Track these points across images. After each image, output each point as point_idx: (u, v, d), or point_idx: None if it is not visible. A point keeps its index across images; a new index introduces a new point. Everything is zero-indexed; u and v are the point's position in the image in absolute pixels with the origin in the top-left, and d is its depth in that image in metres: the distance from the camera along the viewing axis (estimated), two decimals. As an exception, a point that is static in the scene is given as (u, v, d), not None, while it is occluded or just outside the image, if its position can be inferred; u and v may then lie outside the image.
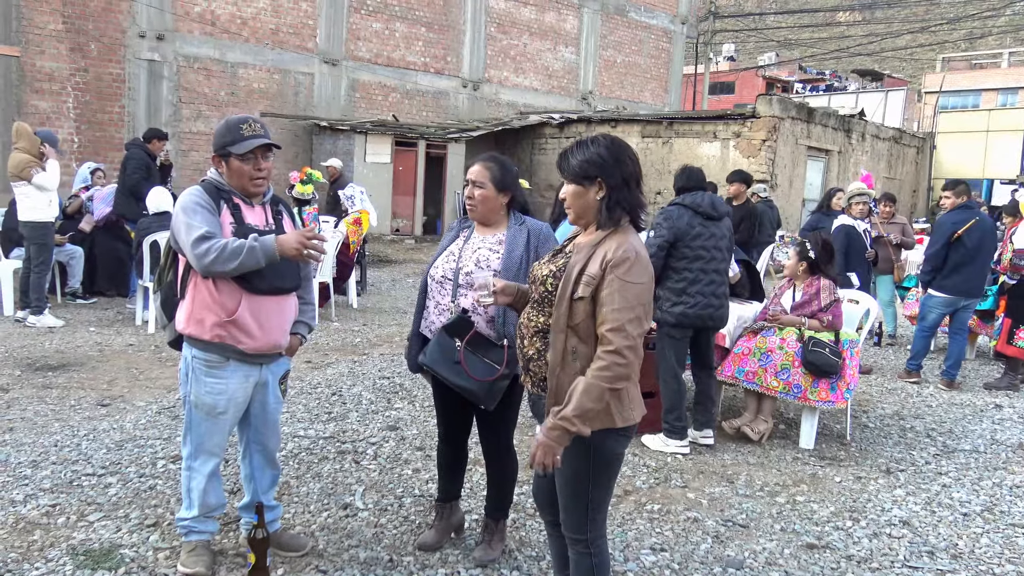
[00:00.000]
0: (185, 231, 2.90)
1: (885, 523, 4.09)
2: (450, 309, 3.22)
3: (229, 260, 2.83)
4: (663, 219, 4.96)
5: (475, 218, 3.33)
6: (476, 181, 3.25)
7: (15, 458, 4.32)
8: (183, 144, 15.84)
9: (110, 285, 9.33)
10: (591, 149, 2.49)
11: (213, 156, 3.08)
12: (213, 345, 3.01)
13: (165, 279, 3.24)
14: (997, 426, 5.98)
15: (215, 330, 2.98)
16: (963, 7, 54.79)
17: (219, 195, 3.03)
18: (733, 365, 5.39)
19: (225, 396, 3.07)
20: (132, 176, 8.80)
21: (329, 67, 17.97)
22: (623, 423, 2.46)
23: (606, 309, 2.36)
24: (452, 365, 3.09)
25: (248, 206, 3.09)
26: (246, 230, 3.00)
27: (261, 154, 3.06)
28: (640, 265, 2.40)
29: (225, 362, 3.04)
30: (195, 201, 2.97)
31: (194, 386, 3.06)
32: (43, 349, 6.83)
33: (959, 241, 6.87)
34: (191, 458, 3.15)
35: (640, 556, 3.58)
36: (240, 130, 3.02)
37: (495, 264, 3.16)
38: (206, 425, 3.10)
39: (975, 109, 35.63)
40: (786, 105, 16.92)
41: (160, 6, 15.36)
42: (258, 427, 3.28)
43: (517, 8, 21.28)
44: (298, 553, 3.39)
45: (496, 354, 3.11)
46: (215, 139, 3.06)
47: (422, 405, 5.66)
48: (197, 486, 3.15)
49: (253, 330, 3.02)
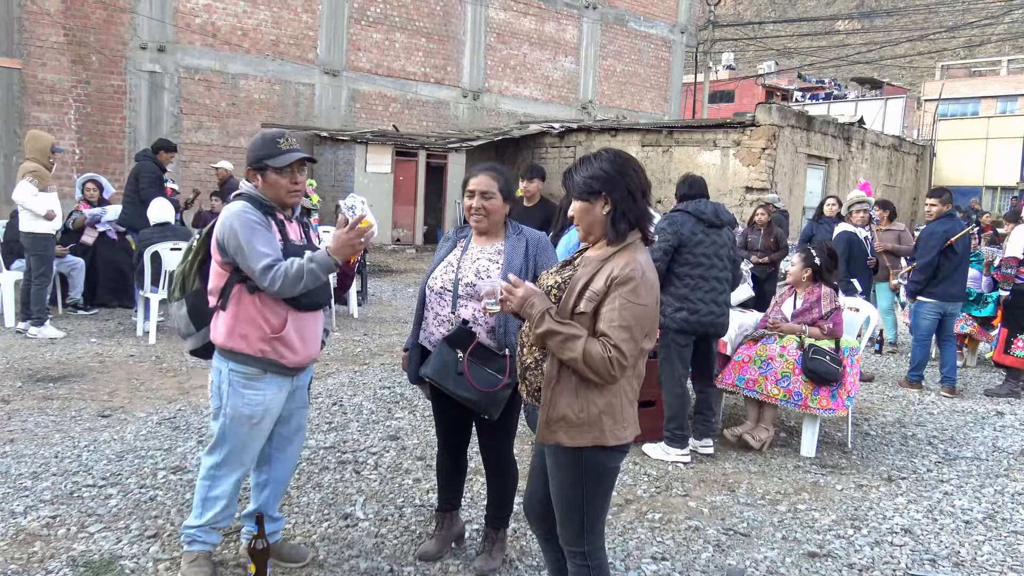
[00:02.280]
0: (249, 252, 2.90)
1: (887, 531, 4.08)
2: (450, 320, 3.22)
3: (294, 285, 2.89)
4: (667, 224, 4.98)
5: (482, 229, 3.30)
6: (485, 191, 3.24)
7: (16, 469, 4.32)
8: (184, 155, 15.87)
9: (111, 296, 9.33)
10: (594, 164, 2.50)
11: (249, 170, 3.09)
12: (254, 359, 3.03)
13: (190, 286, 3.20)
14: (999, 433, 5.97)
15: (259, 345, 3.01)
16: (962, 15, 54.95)
17: (263, 209, 3.05)
18: (734, 373, 5.38)
19: (263, 407, 3.09)
20: (149, 190, 8.79)
21: (330, 78, 18.03)
22: (615, 442, 2.46)
23: (604, 324, 2.36)
24: (456, 377, 3.08)
25: (288, 221, 3.14)
26: (292, 248, 3.04)
27: (297, 168, 3.11)
28: (645, 286, 2.39)
29: (263, 374, 3.06)
30: (251, 219, 2.96)
31: (231, 398, 3.06)
32: (44, 360, 6.83)
33: (951, 250, 6.91)
34: (217, 468, 3.14)
35: (641, 565, 3.57)
36: (277, 144, 3.07)
37: (495, 274, 3.16)
38: (243, 436, 3.10)
39: (974, 116, 35.67)
40: (785, 113, 16.96)
41: (161, 18, 15.44)
42: (284, 434, 3.30)
43: (517, 18, 21.36)
44: (299, 564, 3.38)
45: (498, 364, 3.11)
46: (252, 152, 3.08)
47: (423, 415, 5.65)
48: (220, 495, 3.15)
49: (296, 346, 3.07)
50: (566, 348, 2.36)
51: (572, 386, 2.43)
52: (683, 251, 4.93)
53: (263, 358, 3.02)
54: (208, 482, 3.16)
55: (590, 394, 2.42)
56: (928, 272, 6.98)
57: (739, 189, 16.47)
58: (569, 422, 2.44)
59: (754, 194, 16.29)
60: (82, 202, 9.42)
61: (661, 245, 4.87)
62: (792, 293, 5.60)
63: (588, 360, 2.33)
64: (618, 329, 2.34)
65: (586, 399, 2.42)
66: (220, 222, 3.01)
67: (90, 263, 9.12)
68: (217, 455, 3.14)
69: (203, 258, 3.18)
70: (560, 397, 2.44)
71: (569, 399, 2.44)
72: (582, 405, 2.42)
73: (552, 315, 2.40)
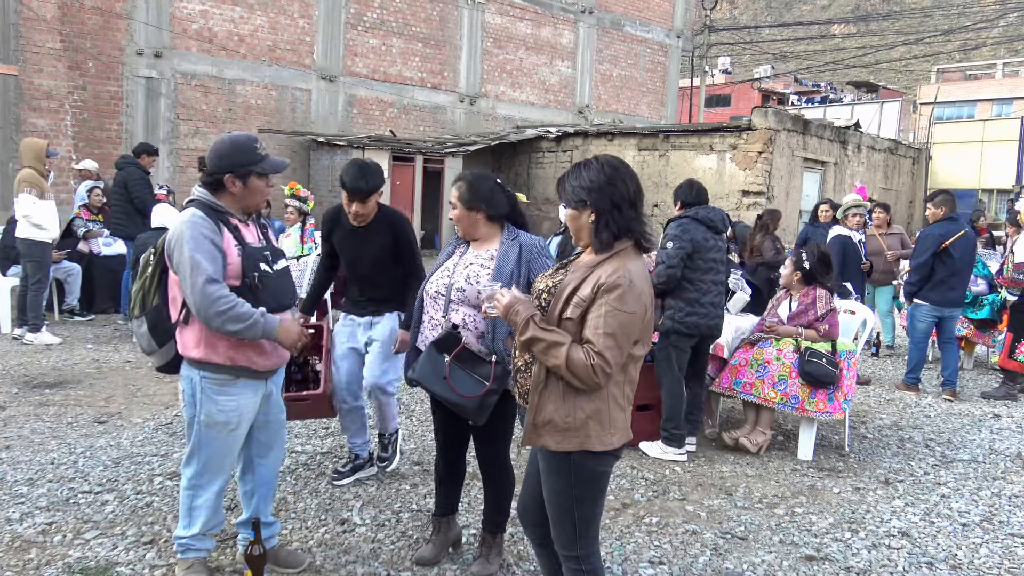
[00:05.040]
0: (191, 270, 2.85)
1: (884, 534, 4.08)
2: (441, 324, 3.23)
3: (234, 322, 2.87)
4: (680, 231, 5.04)
5: (464, 236, 3.39)
6: (451, 201, 3.35)
7: (12, 476, 4.31)
8: (181, 160, 15.87)
9: (108, 302, 9.32)
10: (583, 174, 2.52)
11: (227, 177, 3.00)
12: (225, 367, 3.01)
13: (150, 303, 3.11)
14: (995, 436, 5.97)
15: (229, 353, 2.99)
16: (957, 19, 55.15)
17: (217, 217, 3.01)
18: (730, 376, 5.39)
19: (237, 412, 3.07)
20: (143, 197, 8.73)
21: (326, 83, 18.04)
22: (602, 447, 2.45)
23: (589, 330, 2.37)
24: (440, 380, 3.09)
25: (243, 224, 3.11)
26: (249, 250, 3.02)
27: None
28: (632, 294, 2.38)
29: (235, 380, 3.05)
30: (200, 233, 2.89)
31: (205, 406, 3.03)
32: (40, 366, 6.82)
33: (947, 253, 6.89)
34: (197, 477, 3.12)
35: (639, 569, 3.57)
36: (256, 150, 3.05)
37: (484, 279, 3.17)
38: (218, 443, 3.08)
39: (970, 120, 35.78)
40: (782, 117, 16.98)
41: (158, 24, 15.44)
42: (263, 440, 3.28)
43: (513, 23, 21.39)
44: (295, 570, 3.38)
45: (484, 370, 3.10)
46: (230, 157, 3.00)
47: (419, 420, 5.65)
48: (204, 504, 3.13)
49: (267, 348, 3.07)
50: (549, 355, 2.37)
51: (559, 391, 2.43)
52: (695, 257, 5.02)
53: (234, 366, 3.01)
54: (191, 492, 3.14)
55: (577, 399, 2.42)
56: (922, 273, 6.98)
57: (735, 193, 16.47)
58: (555, 426, 2.44)
59: (751, 198, 16.30)
60: (83, 208, 9.40)
61: (677, 252, 4.97)
62: (787, 296, 5.61)
63: (571, 367, 2.34)
64: (602, 336, 2.34)
65: (573, 404, 2.42)
66: (171, 232, 2.96)
67: (87, 269, 9.11)
68: (195, 464, 3.11)
69: (161, 273, 3.09)
70: (547, 401, 2.45)
71: (556, 404, 2.44)
72: (569, 410, 2.43)
73: (536, 322, 2.42)
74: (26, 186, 7.48)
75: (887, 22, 59.24)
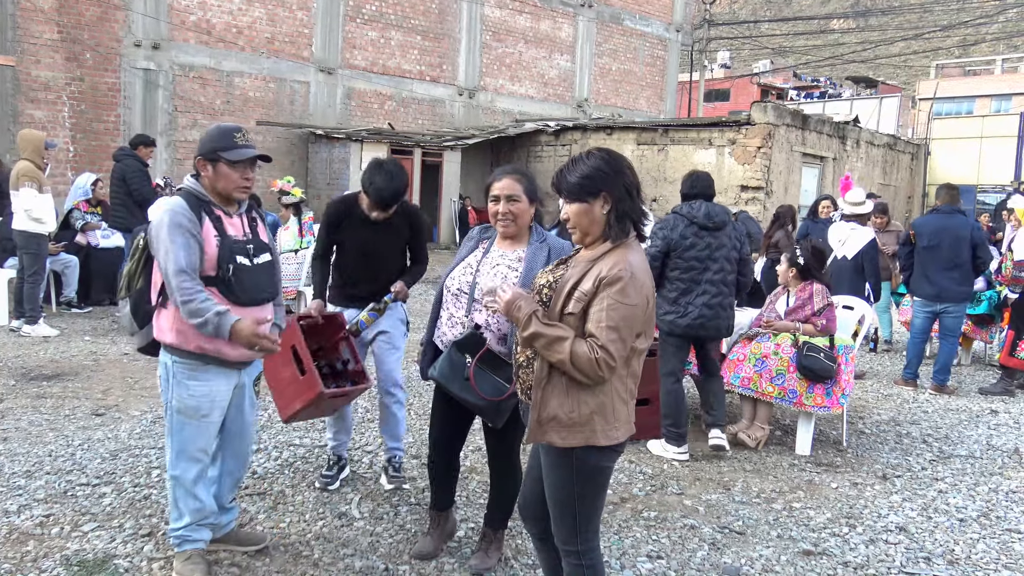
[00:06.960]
0: (164, 256, 2.92)
1: (881, 529, 4.09)
2: (463, 323, 3.18)
3: (189, 315, 2.89)
4: (658, 229, 4.99)
5: (509, 234, 3.21)
6: (512, 195, 3.14)
7: (9, 468, 4.30)
8: (179, 153, 15.84)
9: (105, 294, 9.30)
10: (589, 163, 2.46)
11: (199, 159, 3.06)
12: (195, 355, 3.02)
13: (135, 285, 3.19)
14: (993, 431, 5.99)
15: (197, 341, 2.99)
16: (956, 14, 55.09)
17: (200, 206, 3.03)
18: (729, 371, 5.39)
19: (208, 398, 3.07)
20: (141, 190, 8.67)
21: (325, 76, 18.00)
22: (606, 441, 2.44)
23: (592, 324, 2.35)
24: (462, 382, 3.03)
25: (227, 216, 3.10)
26: (228, 242, 3.03)
27: (249, 165, 3.09)
28: (634, 285, 2.36)
29: (206, 366, 3.05)
30: (178, 221, 2.95)
31: (176, 390, 3.05)
32: (38, 358, 6.81)
33: (922, 246, 6.95)
34: (173, 466, 3.13)
35: (637, 564, 3.57)
36: (233, 137, 3.05)
37: (511, 282, 3.08)
38: (190, 429, 3.09)
39: (969, 115, 35.72)
40: (781, 112, 16.97)
41: (156, 15, 15.39)
42: (233, 430, 3.28)
43: (512, 16, 21.35)
44: (256, 547, 3.42)
45: (506, 372, 3.01)
46: (206, 142, 3.06)
47: (417, 414, 5.65)
48: (185, 493, 3.14)
49: None
50: (553, 350, 2.35)
51: (563, 386, 2.41)
52: (673, 256, 4.93)
53: (203, 354, 3.02)
54: (172, 483, 3.16)
55: (581, 394, 2.41)
56: (900, 264, 7.19)
57: (734, 188, 16.47)
58: (560, 422, 2.42)
59: (749, 193, 16.29)
60: (83, 202, 9.35)
61: (650, 251, 4.87)
62: (785, 291, 5.62)
63: (575, 361, 2.32)
64: (605, 330, 2.32)
65: (577, 399, 2.41)
66: (154, 218, 3.04)
67: (84, 261, 9.08)
68: (171, 451, 3.13)
69: (148, 257, 3.14)
70: (551, 397, 2.43)
71: (560, 399, 2.42)
72: (573, 405, 2.41)
73: (539, 317, 2.39)
74: (26, 180, 7.46)
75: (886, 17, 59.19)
